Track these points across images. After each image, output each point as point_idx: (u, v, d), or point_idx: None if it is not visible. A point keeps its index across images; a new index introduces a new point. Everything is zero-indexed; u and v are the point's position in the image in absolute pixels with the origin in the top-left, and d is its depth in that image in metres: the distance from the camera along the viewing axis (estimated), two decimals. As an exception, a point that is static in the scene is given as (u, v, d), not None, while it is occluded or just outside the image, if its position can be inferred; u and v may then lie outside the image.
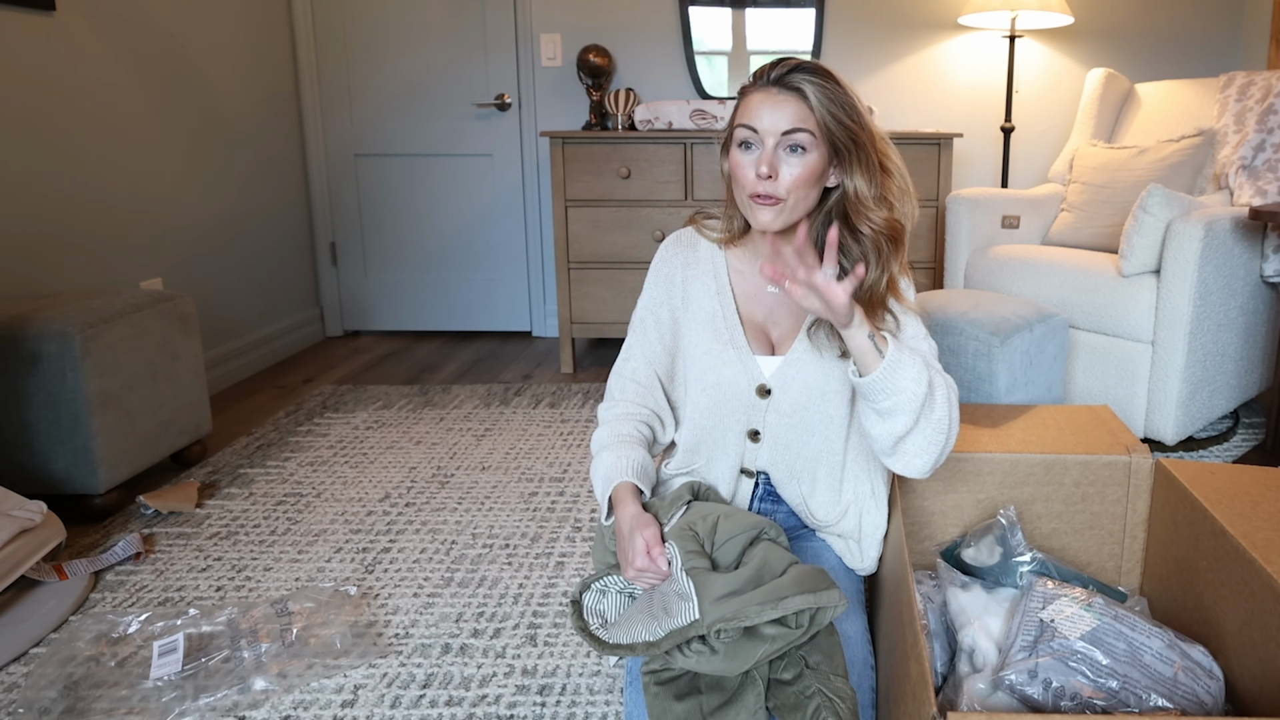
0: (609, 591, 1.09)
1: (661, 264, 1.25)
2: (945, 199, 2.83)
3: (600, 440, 1.19)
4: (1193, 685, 1.06)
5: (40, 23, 2.26)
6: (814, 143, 1.07)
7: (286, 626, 1.46)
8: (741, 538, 1.07)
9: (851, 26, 3.44)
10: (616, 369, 1.26)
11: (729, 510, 1.11)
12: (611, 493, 1.13)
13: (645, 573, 1.04)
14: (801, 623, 0.94)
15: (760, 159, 1.08)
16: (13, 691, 1.36)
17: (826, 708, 0.93)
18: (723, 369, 1.17)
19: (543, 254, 3.66)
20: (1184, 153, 2.53)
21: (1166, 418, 2.21)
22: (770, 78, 1.08)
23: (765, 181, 1.08)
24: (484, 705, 1.33)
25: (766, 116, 1.07)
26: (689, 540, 1.05)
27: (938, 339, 1.94)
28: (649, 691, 0.97)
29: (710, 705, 0.95)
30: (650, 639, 0.96)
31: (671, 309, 1.23)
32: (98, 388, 1.90)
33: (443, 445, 2.41)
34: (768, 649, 0.93)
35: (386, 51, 3.51)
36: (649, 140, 2.97)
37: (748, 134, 1.09)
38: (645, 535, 1.05)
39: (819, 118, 1.07)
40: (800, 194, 1.09)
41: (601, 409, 1.25)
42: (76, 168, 2.38)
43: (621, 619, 1.04)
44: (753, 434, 1.19)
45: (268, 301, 3.31)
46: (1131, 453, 1.38)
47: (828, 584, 0.95)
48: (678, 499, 1.13)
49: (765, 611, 0.91)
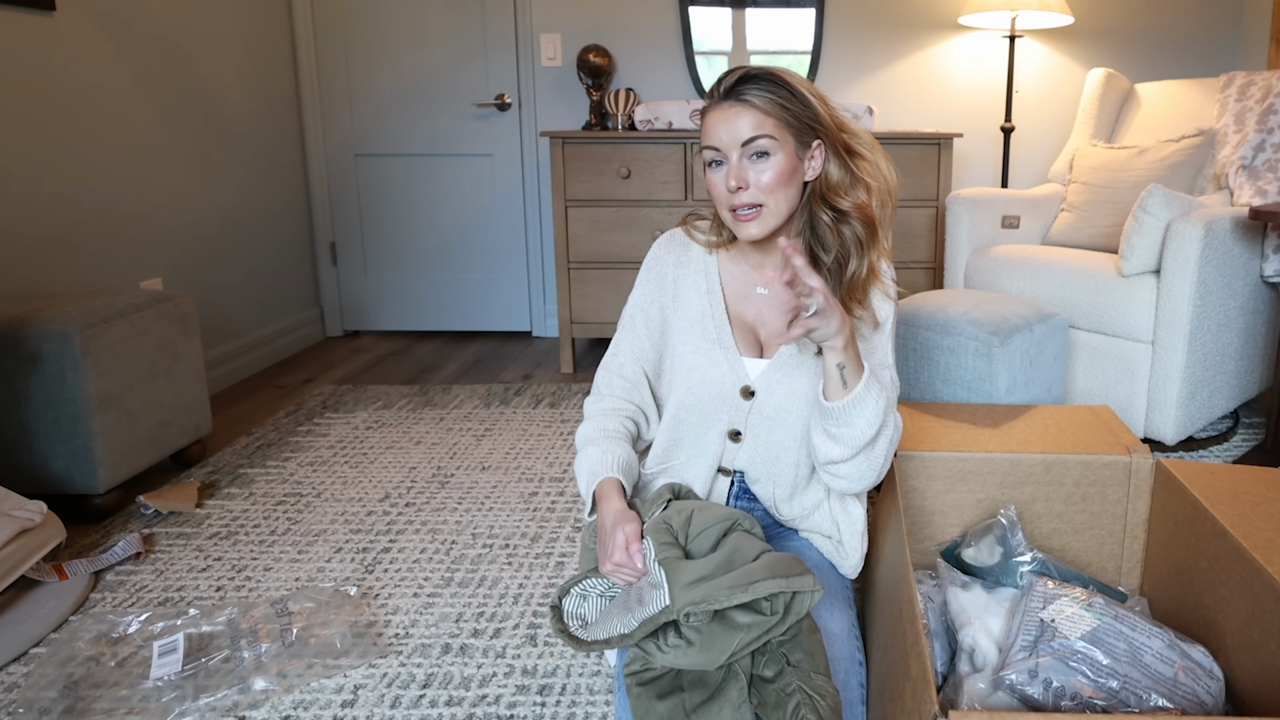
0: (590, 595, 1.10)
1: (654, 262, 1.26)
2: (945, 199, 2.82)
3: (585, 435, 1.20)
4: (1193, 685, 1.06)
5: (40, 23, 2.26)
6: (776, 145, 1.09)
7: (286, 626, 1.46)
8: (715, 529, 1.07)
9: (851, 26, 3.44)
10: (604, 364, 1.27)
11: (704, 504, 1.13)
12: (596, 488, 1.13)
13: (621, 567, 1.05)
14: (776, 609, 0.93)
15: (729, 174, 1.09)
16: (13, 691, 1.36)
17: (807, 705, 0.93)
18: (709, 369, 1.18)
19: (543, 254, 3.66)
20: (1184, 153, 2.53)
21: (1166, 418, 2.21)
22: (719, 94, 1.11)
23: (738, 193, 1.10)
24: (484, 705, 1.33)
25: (724, 132, 1.09)
26: (663, 533, 1.05)
27: (938, 338, 1.94)
28: (631, 693, 0.97)
29: (693, 702, 0.95)
30: (624, 631, 0.96)
31: (662, 306, 1.24)
32: (98, 388, 1.90)
33: (443, 445, 2.41)
34: (744, 638, 0.93)
35: (386, 51, 3.51)
36: (649, 140, 2.97)
37: (712, 153, 1.11)
38: (626, 530, 1.07)
39: (776, 118, 1.08)
40: (776, 197, 1.10)
41: (588, 403, 1.26)
42: (76, 168, 2.38)
43: (600, 618, 1.05)
44: (734, 434, 1.20)
45: (268, 301, 3.31)
46: (1132, 453, 1.38)
47: (800, 570, 0.94)
48: (658, 499, 1.14)
49: (735, 595, 0.91)
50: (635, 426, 1.24)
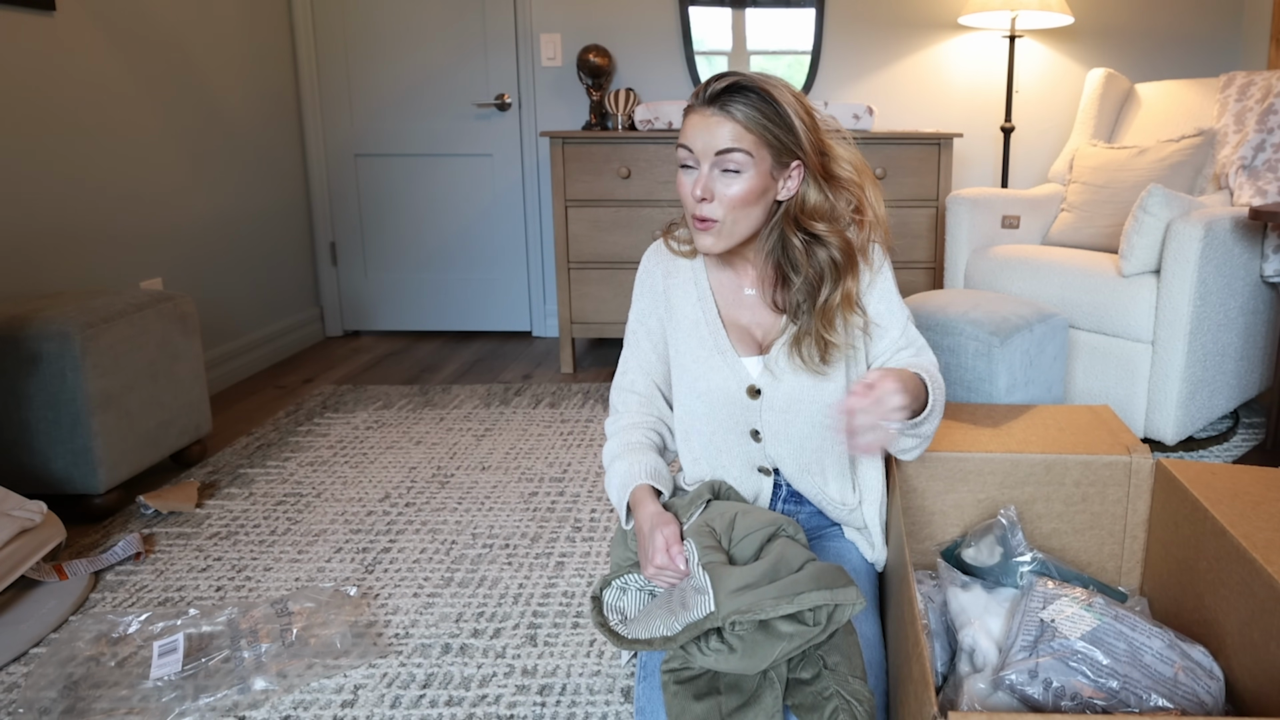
0: (629, 589, 1.10)
1: (645, 275, 1.26)
2: (945, 199, 2.82)
3: (611, 452, 1.20)
4: (1193, 685, 1.06)
5: (40, 23, 2.26)
6: (749, 162, 1.05)
7: (286, 626, 1.46)
8: (759, 534, 1.07)
9: (851, 26, 3.44)
10: (616, 383, 1.27)
11: (747, 508, 1.12)
12: (629, 496, 1.13)
13: (664, 571, 1.05)
14: (819, 620, 0.93)
15: (697, 181, 1.07)
16: (13, 691, 1.36)
17: (844, 710, 0.92)
18: (711, 375, 1.18)
19: (543, 254, 3.66)
20: (1184, 153, 2.53)
21: (1166, 418, 2.21)
22: (704, 96, 1.07)
23: (702, 204, 1.07)
24: (484, 705, 1.33)
25: (700, 138, 1.06)
26: (706, 536, 1.05)
27: (938, 339, 1.94)
28: (668, 690, 0.97)
29: (729, 706, 0.95)
30: (668, 634, 0.96)
31: (659, 319, 1.24)
32: (98, 388, 1.90)
33: (443, 445, 2.41)
34: (786, 647, 0.93)
35: (386, 51, 3.51)
36: (649, 140, 2.97)
37: (685, 155, 1.09)
38: (665, 533, 1.06)
39: (756, 135, 1.05)
40: (737, 215, 1.07)
41: (608, 424, 1.26)
42: (76, 168, 2.38)
43: (641, 615, 1.05)
44: (754, 434, 1.19)
45: (268, 301, 3.31)
46: (1132, 453, 1.38)
47: (845, 581, 0.94)
48: (697, 498, 1.13)
49: (781, 606, 0.90)
50: (660, 438, 1.24)
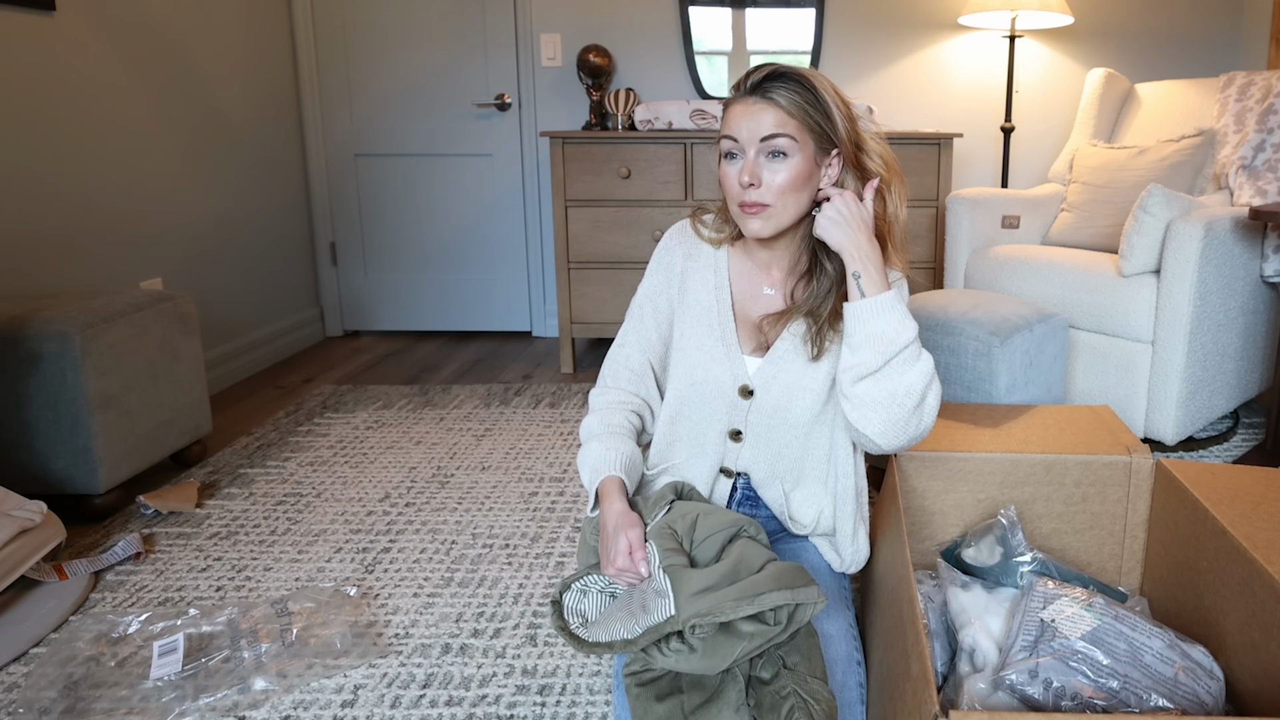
0: (590, 591, 1.09)
1: (664, 252, 1.26)
2: (945, 199, 2.82)
3: (590, 429, 1.20)
4: (1193, 685, 1.06)
5: (40, 23, 2.26)
6: (795, 147, 1.08)
7: (286, 626, 1.46)
8: (720, 535, 1.07)
9: (851, 26, 3.44)
10: (611, 354, 1.27)
11: (709, 508, 1.12)
12: (599, 486, 1.13)
13: (625, 573, 1.05)
14: (780, 619, 0.93)
15: (743, 169, 1.09)
16: (13, 691, 1.36)
17: (800, 709, 0.93)
18: (711, 366, 1.18)
19: (543, 254, 3.66)
20: (1184, 153, 2.53)
21: (1166, 418, 2.21)
22: (747, 86, 1.10)
23: (750, 190, 1.09)
24: (484, 705, 1.33)
25: (745, 126, 1.09)
26: (668, 538, 1.05)
27: (938, 338, 1.94)
28: (630, 693, 0.97)
29: (691, 704, 0.95)
30: (628, 637, 0.96)
31: (669, 298, 1.24)
32: (98, 388, 1.90)
33: (443, 445, 2.41)
34: (746, 646, 0.93)
35: (386, 51, 3.51)
36: (649, 140, 2.97)
37: (730, 144, 1.11)
38: (630, 536, 1.06)
39: (799, 120, 1.08)
40: (786, 199, 1.10)
41: (593, 395, 1.25)
42: (76, 167, 2.38)
43: (601, 618, 1.04)
44: (734, 434, 1.19)
45: (268, 301, 3.31)
46: (1132, 453, 1.38)
47: (805, 580, 0.95)
48: (661, 499, 1.13)
49: (741, 607, 0.91)
50: (640, 420, 1.25)
